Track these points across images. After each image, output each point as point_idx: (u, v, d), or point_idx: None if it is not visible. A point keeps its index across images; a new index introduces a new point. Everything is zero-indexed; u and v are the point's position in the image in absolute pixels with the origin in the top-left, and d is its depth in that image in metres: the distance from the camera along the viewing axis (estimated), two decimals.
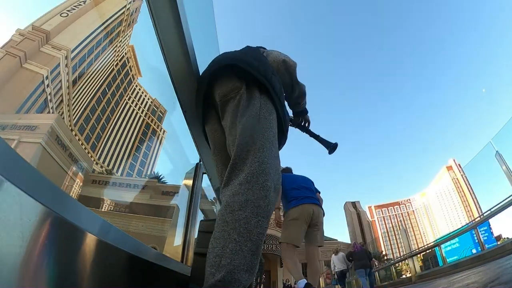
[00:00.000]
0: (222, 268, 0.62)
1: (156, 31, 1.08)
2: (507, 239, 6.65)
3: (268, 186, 0.72)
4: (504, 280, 1.31)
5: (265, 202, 0.70)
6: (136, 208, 8.96)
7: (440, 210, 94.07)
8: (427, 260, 10.71)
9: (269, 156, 0.77)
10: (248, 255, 0.64)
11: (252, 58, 0.99)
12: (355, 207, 41.82)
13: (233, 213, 0.68)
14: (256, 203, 0.69)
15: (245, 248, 0.64)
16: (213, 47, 2.51)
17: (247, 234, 0.65)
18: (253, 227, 0.66)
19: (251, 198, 0.69)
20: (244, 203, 0.68)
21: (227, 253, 0.63)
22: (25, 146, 6.09)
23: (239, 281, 0.62)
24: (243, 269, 0.63)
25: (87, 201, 7.73)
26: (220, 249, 0.65)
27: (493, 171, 6.19)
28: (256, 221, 0.67)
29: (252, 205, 0.68)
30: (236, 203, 0.68)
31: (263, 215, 0.69)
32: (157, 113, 13.20)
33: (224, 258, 0.63)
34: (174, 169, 3.03)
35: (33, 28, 7.48)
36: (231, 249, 0.64)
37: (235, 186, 0.72)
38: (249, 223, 0.66)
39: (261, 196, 0.70)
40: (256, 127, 0.81)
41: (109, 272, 0.72)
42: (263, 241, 0.69)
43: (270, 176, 0.73)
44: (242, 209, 0.67)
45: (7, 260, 0.38)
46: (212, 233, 0.70)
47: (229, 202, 0.70)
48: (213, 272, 0.63)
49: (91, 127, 10.58)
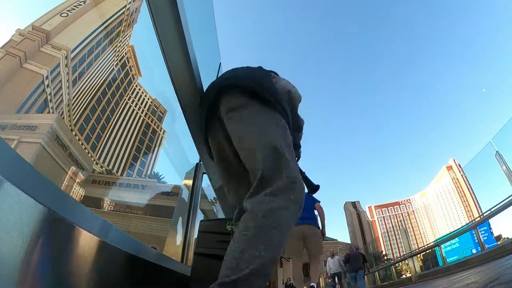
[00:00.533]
0: (238, 272, 0.62)
1: (156, 31, 1.08)
2: (507, 239, 6.66)
3: (292, 200, 0.73)
4: (504, 280, 1.31)
5: (287, 213, 0.71)
6: (136, 208, 8.96)
7: (440, 210, 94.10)
8: (427, 260, 10.72)
9: (296, 170, 0.78)
10: (266, 262, 0.65)
11: (262, 79, 1.00)
12: (355, 207, 41.86)
13: (256, 220, 0.69)
14: (280, 213, 0.70)
15: (265, 255, 0.65)
16: (213, 47, 2.51)
17: (268, 242, 0.66)
18: (274, 236, 0.67)
19: (275, 207, 0.70)
20: (268, 212, 0.69)
21: (246, 258, 0.64)
22: (25, 146, 6.09)
23: (251, 285, 0.62)
24: (259, 275, 0.63)
25: (87, 201, 7.72)
26: (239, 254, 0.65)
27: (493, 171, 6.20)
28: (278, 231, 0.68)
29: (275, 215, 0.69)
30: (260, 211, 0.70)
31: (285, 225, 0.70)
32: (157, 113, 13.20)
33: (242, 262, 0.64)
34: (174, 169, 3.03)
35: (33, 28, 7.47)
36: (251, 255, 0.64)
37: (261, 196, 0.73)
38: (270, 232, 0.67)
39: (284, 207, 0.71)
40: (280, 139, 0.82)
41: (109, 272, 0.72)
42: (281, 251, 0.70)
43: (296, 191, 0.75)
44: (265, 217, 0.69)
45: (7, 260, 0.38)
46: (232, 237, 0.71)
47: (254, 209, 0.71)
48: (229, 274, 0.63)
49: (91, 127, 10.57)
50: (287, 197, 0.73)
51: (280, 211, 0.70)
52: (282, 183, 0.74)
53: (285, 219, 0.71)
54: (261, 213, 0.69)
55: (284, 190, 0.73)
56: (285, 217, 0.71)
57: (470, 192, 76.27)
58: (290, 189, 0.74)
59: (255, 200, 0.74)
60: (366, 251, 18.30)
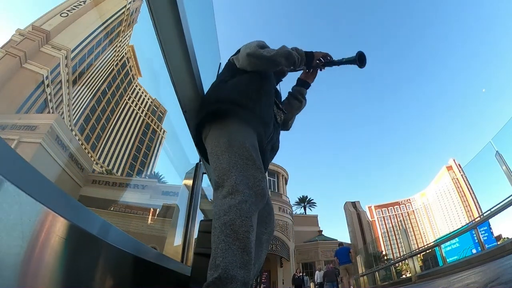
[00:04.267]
0: (217, 267, 0.69)
1: (156, 31, 1.08)
2: (507, 239, 6.66)
3: (247, 193, 0.83)
4: (504, 280, 1.31)
5: (246, 205, 0.80)
6: (136, 208, 8.96)
7: (440, 210, 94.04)
8: (427, 260, 10.72)
9: (244, 173, 0.88)
10: (238, 252, 0.72)
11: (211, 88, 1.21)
12: (355, 207, 41.80)
13: (220, 218, 0.78)
14: (238, 207, 0.79)
15: (233, 246, 0.72)
16: (213, 47, 2.51)
17: (234, 234, 0.74)
18: (238, 227, 0.75)
19: (233, 203, 0.79)
20: (228, 209, 0.79)
21: (219, 253, 0.72)
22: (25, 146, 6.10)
23: (235, 277, 0.68)
24: (236, 266, 0.70)
25: (87, 201, 7.72)
26: (213, 251, 0.74)
27: (493, 171, 6.20)
28: (240, 221, 0.76)
29: (235, 209, 0.78)
30: (222, 211, 0.79)
31: (246, 215, 0.78)
32: (157, 113, 13.22)
33: (217, 258, 0.71)
34: (174, 169, 3.03)
35: (33, 28, 7.46)
36: (221, 249, 0.72)
37: (219, 199, 0.84)
38: (234, 224, 0.76)
39: (242, 200, 0.80)
40: (222, 159, 0.92)
41: (109, 272, 0.72)
42: (251, 239, 0.77)
43: (247, 185, 0.85)
44: (226, 214, 0.78)
45: (7, 260, 0.38)
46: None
47: (216, 211, 0.81)
48: (211, 273, 0.70)
49: (91, 127, 10.59)
50: (239, 195, 0.82)
51: (240, 205, 0.79)
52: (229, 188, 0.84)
53: (245, 210, 0.79)
54: (222, 212, 0.79)
55: (234, 190, 0.83)
56: (245, 209, 0.79)
57: (470, 192, 76.23)
58: (237, 191, 0.84)
59: (216, 204, 0.85)
60: (366, 251, 18.28)
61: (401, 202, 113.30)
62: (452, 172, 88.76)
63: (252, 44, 1.15)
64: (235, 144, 0.94)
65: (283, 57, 1.12)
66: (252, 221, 0.79)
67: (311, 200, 43.30)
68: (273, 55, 1.11)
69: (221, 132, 0.99)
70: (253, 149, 0.95)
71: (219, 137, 0.98)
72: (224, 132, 0.99)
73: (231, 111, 1.01)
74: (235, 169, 0.87)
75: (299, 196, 44.69)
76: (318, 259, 24.54)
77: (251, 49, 1.12)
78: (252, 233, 0.77)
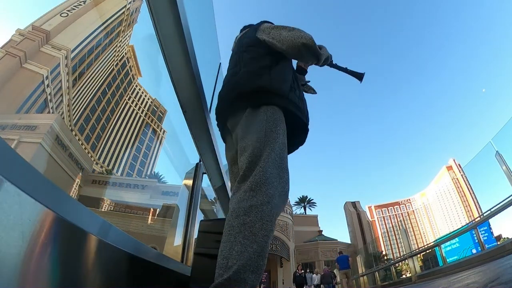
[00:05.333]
0: (229, 269, 0.65)
1: (156, 31, 1.08)
2: (507, 239, 6.65)
3: (271, 194, 0.76)
4: (504, 280, 1.31)
5: (268, 207, 0.74)
6: (136, 208, 8.95)
7: (440, 210, 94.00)
8: (427, 260, 10.71)
9: (273, 166, 0.82)
10: (253, 256, 0.67)
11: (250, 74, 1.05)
12: (355, 207, 41.78)
13: (239, 218, 0.72)
14: (260, 208, 0.73)
15: (250, 249, 0.67)
16: (213, 47, 2.51)
17: (252, 237, 0.69)
18: (257, 230, 0.70)
19: (255, 203, 0.73)
20: (248, 208, 0.73)
21: (234, 255, 0.67)
22: (25, 146, 6.05)
23: (245, 281, 0.64)
24: (249, 270, 0.65)
25: (87, 201, 7.70)
26: (227, 252, 0.68)
27: (493, 171, 6.19)
28: (261, 224, 0.71)
29: (256, 210, 0.72)
30: (241, 209, 0.73)
31: (267, 219, 0.73)
32: (157, 113, 13.19)
33: (230, 259, 0.66)
34: (174, 169, 3.03)
35: (33, 28, 7.44)
36: (237, 251, 0.67)
37: (240, 193, 0.77)
38: (253, 227, 0.70)
39: (264, 201, 0.74)
40: (263, 141, 0.86)
41: (109, 272, 0.72)
42: (268, 243, 0.72)
43: (272, 184, 0.78)
44: (246, 214, 0.72)
45: (7, 260, 0.38)
46: (221, 238, 0.74)
47: (235, 208, 0.75)
48: (221, 273, 0.66)
49: (91, 127, 10.54)
50: (263, 191, 0.76)
51: (261, 206, 0.73)
52: (257, 178, 0.78)
53: (267, 213, 0.73)
54: (242, 211, 0.73)
55: (259, 184, 0.77)
56: (266, 211, 0.74)
57: (470, 192, 76.18)
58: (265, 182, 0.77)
59: (236, 198, 0.78)
60: (366, 251, 18.28)
61: (401, 202, 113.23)
62: (452, 172, 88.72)
63: (305, 34, 1.09)
64: (279, 139, 0.89)
65: (324, 58, 1.16)
66: (272, 225, 0.75)
67: (311, 200, 43.36)
68: (321, 54, 1.13)
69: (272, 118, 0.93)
70: (286, 148, 0.93)
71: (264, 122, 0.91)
72: (275, 120, 0.92)
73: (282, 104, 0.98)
74: (267, 164, 0.81)
75: (299, 196, 44.72)
76: (318, 259, 24.53)
77: (307, 40, 1.07)
78: (270, 238, 0.73)
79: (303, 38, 1.07)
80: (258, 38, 1.15)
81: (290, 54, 1.12)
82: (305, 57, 1.14)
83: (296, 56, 1.15)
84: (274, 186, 0.79)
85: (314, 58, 1.14)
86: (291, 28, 1.12)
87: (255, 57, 1.10)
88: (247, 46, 1.16)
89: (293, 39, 1.07)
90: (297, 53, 1.10)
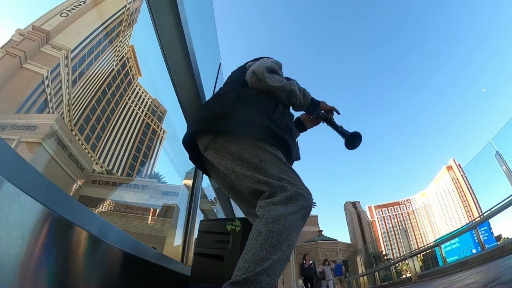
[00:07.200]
0: (249, 272, 0.67)
1: (156, 31, 1.08)
2: (507, 239, 6.65)
3: (301, 205, 0.80)
4: (504, 280, 1.31)
5: (296, 217, 0.78)
6: (136, 208, 8.94)
7: (440, 210, 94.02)
8: (427, 260, 10.71)
9: (298, 179, 0.87)
10: (275, 263, 0.70)
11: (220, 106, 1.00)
12: (355, 207, 41.79)
13: (267, 225, 0.74)
14: (289, 218, 0.76)
15: (274, 257, 0.70)
16: (213, 47, 2.51)
17: (278, 245, 0.72)
18: (284, 239, 0.73)
19: (285, 213, 0.76)
20: (278, 217, 0.75)
21: (257, 261, 0.69)
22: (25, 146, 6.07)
23: (260, 283, 0.66)
24: (266, 273, 0.68)
25: (87, 201, 7.70)
26: (251, 257, 0.70)
27: (493, 171, 6.20)
28: (287, 234, 0.74)
29: (285, 220, 0.75)
30: (271, 217, 0.76)
31: (294, 229, 0.76)
32: (157, 113, 13.18)
33: (253, 264, 0.68)
34: (174, 169, 3.03)
35: (33, 28, 7.44)
36: (261, 257, 0.69)
37: (270, 204, 0.79)
38: (281, 236, 0.73)
39: (293, 212, 0.78)
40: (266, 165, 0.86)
41: (109, 272, 0.72)
42: (290, 254, 0.76)
43: (304, 196, 0.82)
44: (275, 222, 0.74)
45: (7, 260, 0.38)
46: (246, 242, 0.76)
47: (265, 215, 0.77)
48: (240, 274, 0.68)
49: (91, 127, 10.56)
50: (294, 204, 0.79)
51: (290, 217, 0.76)
52: (291, 193, 0.80)
53: (294, 224, 0.77)
54: (271, 219, 0.75)
55: (293, 198, 0.80)
56: (294, 222, 0.77)
57: (470, 192, 76.21)
58: (299, 196, 0.81)
59: (265, 207, 0.80)
60: (366, 251, 18.28)
61: (401, 202, 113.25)
62: (452, 172, 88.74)
63: (265, 63, 1.07)
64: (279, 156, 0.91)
65: (284, 93, 1.04)
66: (297, 236, 0.78)
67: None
68: (276, 86, 1.02)
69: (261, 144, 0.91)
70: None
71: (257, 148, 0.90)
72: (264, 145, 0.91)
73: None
74: (292, 177, 0.85)
75: None
76: (318, 259, 24.52)
77: (258, 69, 1.04)
78: (293, 248, 0.76)
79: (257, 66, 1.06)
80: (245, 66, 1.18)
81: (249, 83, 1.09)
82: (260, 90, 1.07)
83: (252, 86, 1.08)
84: (305, 198, 0.82)
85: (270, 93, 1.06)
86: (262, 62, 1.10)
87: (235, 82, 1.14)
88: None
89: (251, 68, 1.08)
90: (251, 82, 1.07)
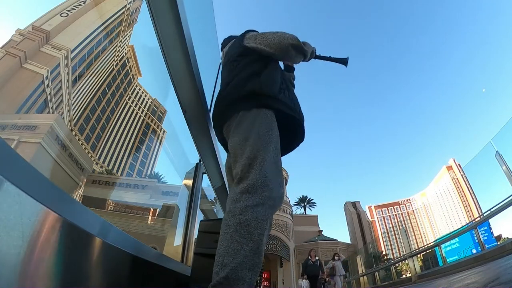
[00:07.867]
0: (225, 267, 0.67)
1: (156, 31, 1.08)
2: (507, 239, 6.65)
3: (267, 196, 0.79)
4: (504, 280, 1.31)
5: (263, 208, 0.77)
6: (136, 208, 8.94)
7: (440, 210, 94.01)
8: (427, 260, 10.71)
9: (268, 170, 0.84)
10: (249, 254, 0.69)
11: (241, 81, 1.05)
12: (355, 207, 41.78)
13: (235, 217, 0.74)
14: (256, 209, 0.76)
15: (246, 247, 0.69)
16: (213, 47, 2.51)
17: (248, 235, 0.71)
18: (253, 229, 0.72)
19: (250, 204, 0.76)
20: (244, 208, 0.75)
21: (230, 253, 0.69)
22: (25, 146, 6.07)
23: (242, 279, 0.66)
24: (246, 268, 0.67)
25: (87, 201, 7.70)
26: (223, 250, 0.70)
27: (493, 171, 6.19)
28: (256, 223, 0.73)
29: (252, 210, 0.75)
30: (237, 209, 0.76)
31: (262, 218, 0.75)
32: (157, 113, 13.19)
33: (226, 257, 0.68)
34: (174, 169, 3.03)
35: (33, 28, 7.44)
36: (233, 249, 0.69)
37: (236, 194, 0.79)
38: (249, 226, 0.72)
39: (259, 203, 0.77)
40: (257, 144, 0.88)
41: (109, 272, 0.72)
42: (264, 243, 0.75)
43: (268, 187, 0.81)
44: (242, 213, 0.74)
45: (7, 260, 0.38)
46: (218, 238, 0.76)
47: (231, 208, 0.77)
48: (217, 271, 0.68)
49: (91, 127, 10.57)
50: (259, 193, 0.79)
51: (257, 207, 0.76)
52: (254, 180, 0.80)
53: (262, 213, 0.76)
54: (238, 211, 0.75)
55: (255, 187, 0.79)
56: (262, 211, 0.76)
57: (470, 192, 76.20)
58: (262, 184, 0.80)
59: (232, 199, 0.80)
60: (366, 251, 18.29)
61: (401, 202, 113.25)
62: (452, 172, 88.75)
63: (289, 35, 1.12)
64: (272, 143, 0.90)
65: (309, 53, 1.19)
66: (267, 224, 0.77)
67: (311, 200, 43.32)
68: (307, 50, 1.17)
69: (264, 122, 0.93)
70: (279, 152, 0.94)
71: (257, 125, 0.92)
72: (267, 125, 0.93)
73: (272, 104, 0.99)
74: (262, 167, 0.83)
75: (299, 196, 44.75)
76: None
77: (294, 41, 1.10)
78: (265, 237, 0.76)
79: (289, 39, 1.11)
80: (247, 46, 1.17)
81: (279, 56, 1.16)
82: (294, 57, 1.18)
83: (285, 57, 1.18)
84: (270, 189, 0.81)
85: (302, 56, 1.19)
86: (275, 32, 1.15)
87: (246, 65, 1.12)
88: (236, 55, 1.18)
89: (280, 42, 1.11)
90: (286, 54, 1.14)
